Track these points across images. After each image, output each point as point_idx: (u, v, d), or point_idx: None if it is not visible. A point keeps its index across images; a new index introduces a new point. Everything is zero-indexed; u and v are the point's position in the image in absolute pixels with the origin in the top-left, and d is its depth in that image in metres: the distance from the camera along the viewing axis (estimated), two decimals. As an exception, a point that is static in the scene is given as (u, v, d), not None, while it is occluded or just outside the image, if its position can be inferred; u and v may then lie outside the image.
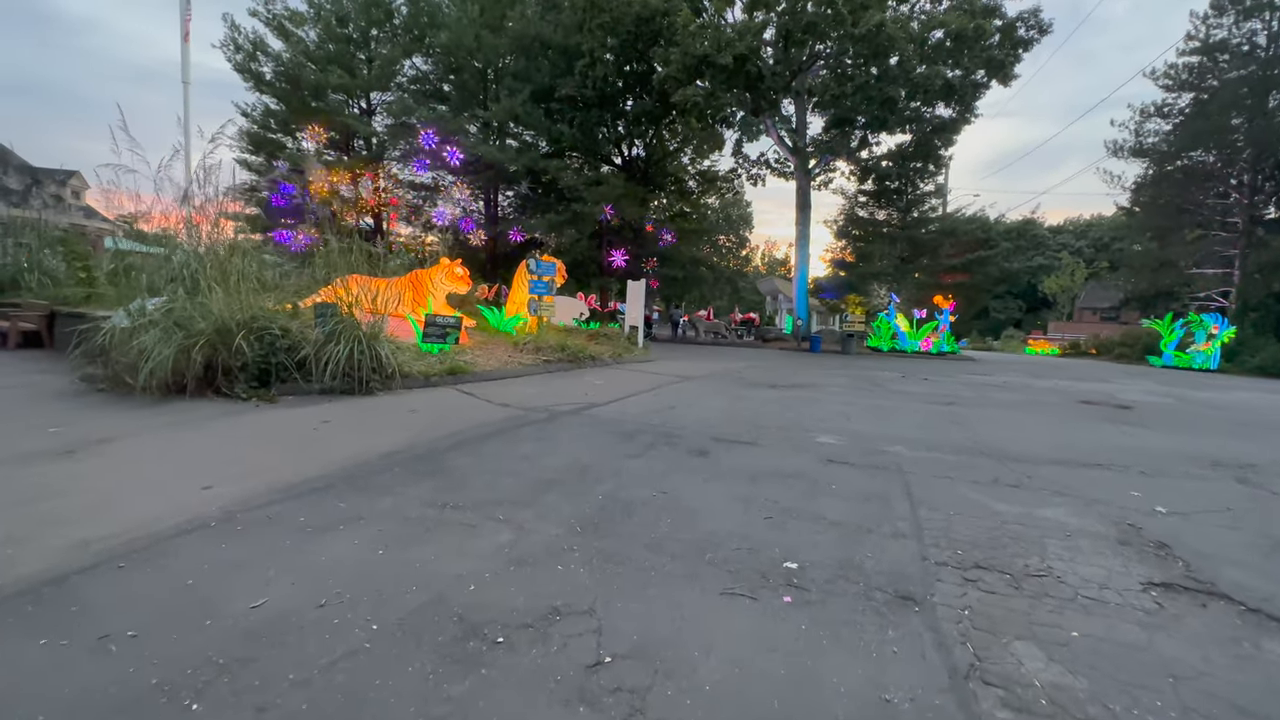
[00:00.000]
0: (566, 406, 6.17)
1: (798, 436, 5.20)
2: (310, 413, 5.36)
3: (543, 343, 9.26)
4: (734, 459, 4.35)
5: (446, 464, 3.94)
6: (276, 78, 19.40)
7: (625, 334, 13.14)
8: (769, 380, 9.60)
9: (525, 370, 8.36)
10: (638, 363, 11.34)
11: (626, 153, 27.45)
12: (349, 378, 6.26)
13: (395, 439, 4.51)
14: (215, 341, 5.90)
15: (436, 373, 7.16)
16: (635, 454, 4.37)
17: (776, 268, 73.66)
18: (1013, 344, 48.27)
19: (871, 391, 8.61)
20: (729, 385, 8.68)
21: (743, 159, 29.16)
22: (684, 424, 5.53)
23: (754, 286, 57.30)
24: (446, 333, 7.65)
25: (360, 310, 6.86)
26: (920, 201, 26.57)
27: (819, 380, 9.92)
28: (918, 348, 21.43)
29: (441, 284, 8.54)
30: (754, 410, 6.47)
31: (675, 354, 15.40)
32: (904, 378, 11.06)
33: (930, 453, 4.79)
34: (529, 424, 5.27)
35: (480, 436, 4.72)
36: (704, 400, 7.04)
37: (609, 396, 6.92)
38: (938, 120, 19.95)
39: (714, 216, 44.81)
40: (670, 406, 6.41)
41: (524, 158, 19.39)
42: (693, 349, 18.90)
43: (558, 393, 7.09)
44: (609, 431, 5.08)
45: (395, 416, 5.34)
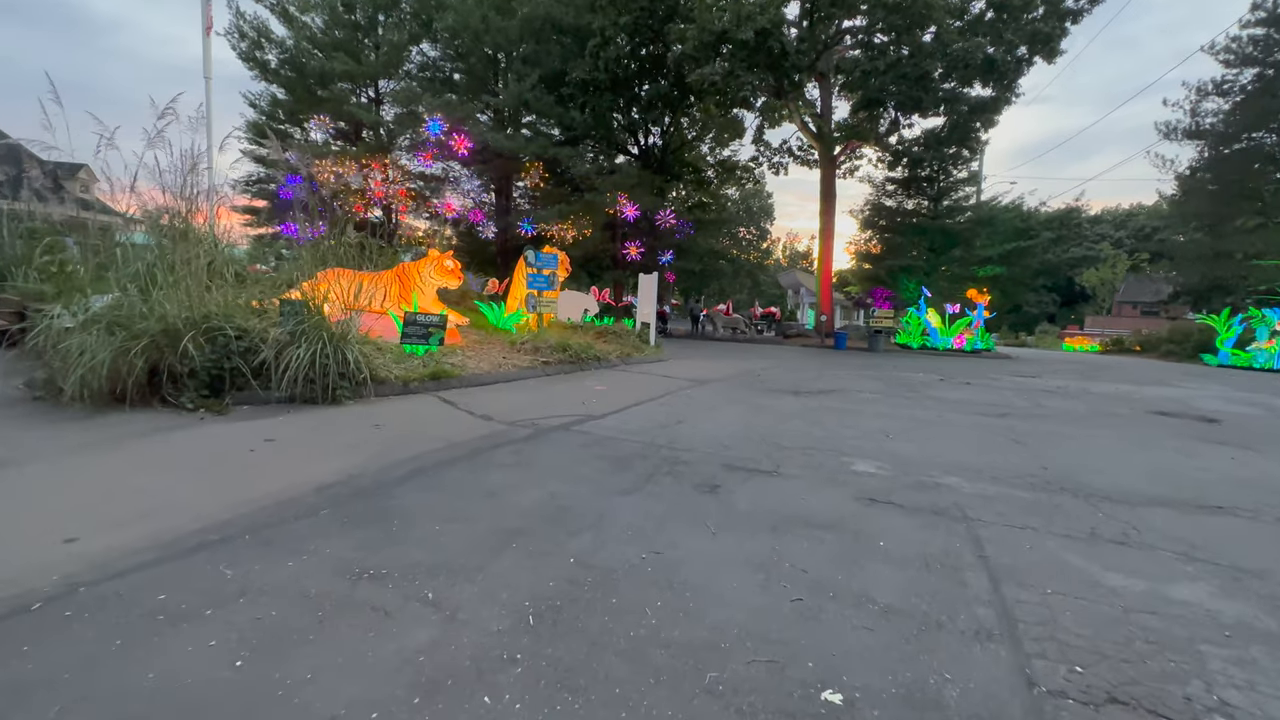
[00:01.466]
0: (558, 419, 5.36)
1: (828, 462, 4.31)
2: (258, 428, 4.64)
3: (541, 342, 8.47)
4: (751, 496, 3.49)
5: (390, 503, 3.15)
6: (281, 65, 18.88)
7: (636, 331, 12.31)
8: (792, 384, 8.68)
9: (520, 374, 7.57)
10: (648, 363, 10.49)
11: (643, 141, 26.49)
12: (314, 384, 5.53)
13: (341, 465, 3.75)
14: (161, 344, 5.22)
15: (417, 378, 6.40)
16: (628, 489, 3.54)
17: (798, 260, 72.05)
18: (1047, 340, 46.24)
19: (909, 399, 7.64)
20: (747, 391, 7.79)
21: (764, 146, 27.98)
22: (692, 444, 4.68)
23: (775, 280, 55.95)
24: (429, 333, 6.89)
25: (333, 307, 6.14)
26: (953, 189, 25.10)
27: (847, 384, 8.96)
28: (950, 345, 20.19)
29: (430, 278, 7.79)
30: (775, 425, 5.58)
31: (690, 352, 14.53)
32: (942, 381, 10.03)
33: (996, 486, 3.87)
34: (508, 444, 4.46)
35: (444, 462, 3.93)
36: (717, 411, 6.17)
37: (609, 406, 6.09)
38: (975, 100, 18.56)
39: (734, 208, 43.64)
40: (678, 420, 5.56)
41: (534, 146, 18.59)
42: (710, 346, 17.99)
43: (552, 401, 6.29)
44: (601, 455, 4.25)
45: (354, 433, 4.58)
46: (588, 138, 21.98)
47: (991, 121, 18.94)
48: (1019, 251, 24.17)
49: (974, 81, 17.59)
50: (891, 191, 26.62)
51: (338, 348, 5.68)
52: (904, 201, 26.38)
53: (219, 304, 5.59)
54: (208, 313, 5.47)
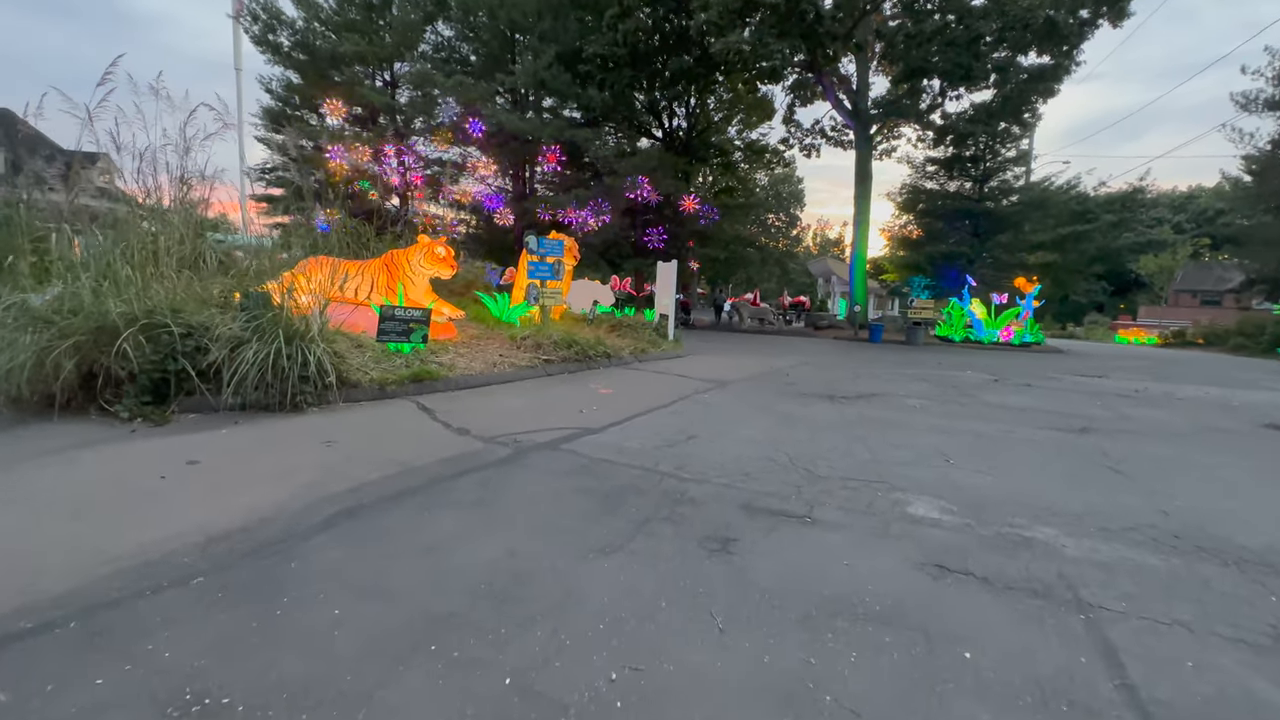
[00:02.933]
0: (546, 434, 4.53)
1: (877, 500, 3.37)
2: (189, 445, 3.93)
3: (544, 338, 7.65)
4: (775, 560, 2.60)
5: (291, 567, 2.37)
6: (293, 48, 18.38)
7: (654, 323, 11.42)
8: (825, 386, 7.68)
9: (517, 374, 6.77)
10: (664, 360, 9.59)
11: (667, 124, 25.35)
12: (272, 389, 4.82)
13: (256, 502, 2.99)
14: (96, 343, 4.56)
15: (397, 380, 5.66)
16: (612, 544, 2.68)
17: (829, 248, 69.87)
18: (1097, 331, 43.61)
19: (964, 406, 6.58)
20: (774, 396, 6.84)
21: (795, 127, 26.60)
22: (704, 470, 3.79)
23: (804, 268, 54.18)
24: (410, 328, 6.12)
25: (310, 299, 5.42)
26: (1000, 170, 23.32)
27: (890, 387, 7.92)
28: (996, 338, 18.71)
29: (420, 266, 7.04)
30: (807, 442, 4.64)
31: (712, 346, 13.57)
32: (997, 382, 8.87)
33: (1109, 545, 2.89)
34: (477, 470, 3.65)
35: (388, 498, 3.13)
36: (738, 423, 5.26)
37: (611, 416, 5.24)
38: (1033, 68, 16.88)
39: (762, 193, 42.11)
40: (689, 436, 4.67)
41: (550, 128, 17.70)
42: (734, 339, 16.98)
43: (545, 409, 5.47)
44: (588, 488, 3.40)
45: (296, 453, 3.83)
46: (608, 119, 20.97)
47: (1051, 91, 17.21)
48: (1074, 236, 22.29)
49: (1029, 48, 15.96)
50: (932, 173, 24.96)
51: (299, 347, 4.95)
52: (946, 183, 24.70)
53: (163, 297, 4.90)
54: (151, 307, 4.79)
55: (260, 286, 5.68)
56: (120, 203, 7.63)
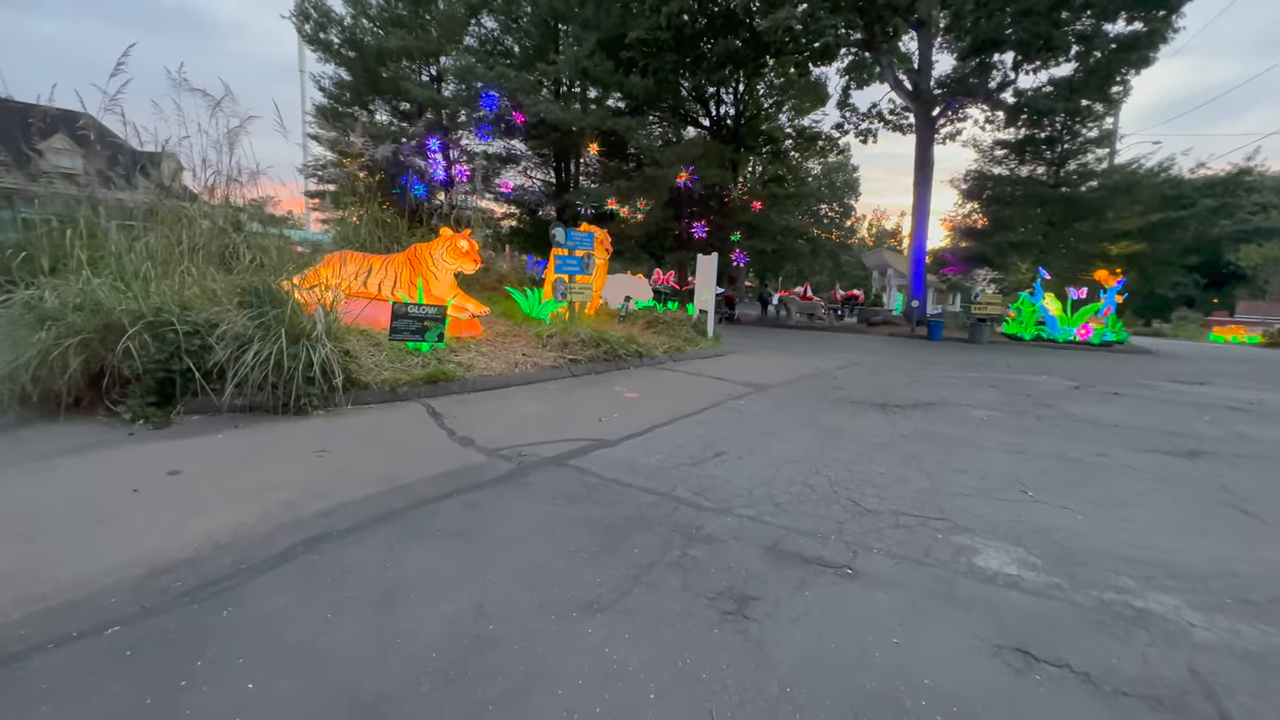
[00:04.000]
0: (556, 446, 4.10)
1: (937, 547, 2.76)
2: (177, 452, 3.71)
3: (572, 336, 7.24)
4: (805, 631, 2.06)
5: (221, 617, 2.02)
6: (342, 45, 18.68)
7: (694, 319, 10.85)
8: (877, 393, 6.95)
9: (540, 375, 6.39)
10: (701, 359, 9.03)
11: (714, 111, 24.50)
12: (276, 390, 4.60)
13: (218, 524, 2.68)
14: (106, 341, 4.44)
15: (410, 381, 5.37)
16: (603, 597, 2.22)
17: (885, 239, 66.91)
18: (1187, 328, 39.78)
19: (1042, 420, 5.73)
20: (817, 403, 6.20)
21: (850, 111, 25.22)
22: (728, 498, 3.27)
23: (859, 260, 52.00)
24: (425, 326, 5.82)
25: (315, 294, 5.19)
26: (1079, 152, 21.29)
27: (952, 394, 7.10)
28: (1072, 336, 17.08)
29: (443, 261, 6.75)
30: (853, 465, 4.03)
31: (755, 344, 12.87)
32: (1079, 389, 7.85)
33: (1256, 627, 2.20)
34: (469, 489, 3.25)
35: (361, 525, 2.77)
36: (773, 438, 4.68)
37: (631, 425, 4.76)
38: (1123, 37, 15.13)
39: (814, 183, 40.46)
40: (716, 452, 4.13)
41: (591, 117, 17.27)
42: (779, 336, 16.17)
43: (562, 415, 5.04)
44: (589, 518, 2.94)
45: (282, 465, 3.54)
46: (652, 107, 20.35)
47: (1146, 61, 15.30)
48: (1166, 224, 20.05)
49: (1119, 13, 14.29)
50: (1001, 157, 23.09)
51: (309, 347, 4.70)
52: (1017, 168, 22.81)
53: (169, 294, 4.75)
54: (158, 304, 4.64)
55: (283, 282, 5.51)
56: (183, 200, 7.78)
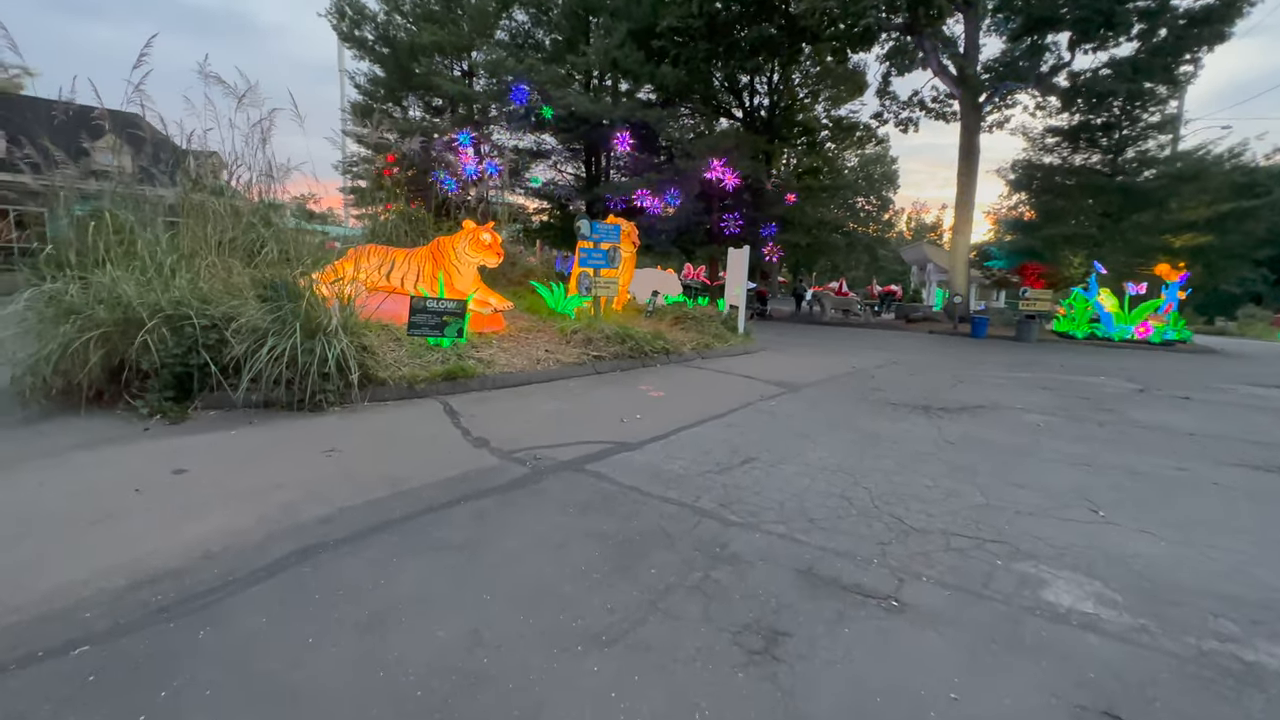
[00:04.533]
0: (574, 449, 3.87)
1: (998, 577, 2.42)
2: (189, 448, 3.62)
3: (596, 331, 7.02)
4: (843, 677, 1.77)
5: (191, 643, 1.86)
6: (376, 41, 18.88)
7: (724, 314, 10.51)
8: (920, 394, 6.52)
9: (562, 372, 6.19)
10: (731, 356, 8.70)
11: (748, 102, 23.93)
12: (292, 386, 4.50)
13: (213, 530, 2.54)
14: (126, 334, 4.41)
15: (429, 377, 5.22)
16: (613, 627, 1.97)
17: (924, 234, 64.83)
18: (1255, 327, 37.27)
19: (1106, 427, 5.23)
20: (854, 405, 5.82)
21: (890, 100, 24.29)
22: (757, 511, 2.98)
23: (897, 255, 50.48)
24: (444, 321, 5.66)
25: (330, 288, 5.09)
26: (1140, 139, 19.95)
27: (1002, 396, 6.61)
28: (1129, 334, 16.04)
29: (465, 254, 6.60)
30: (896, 476, 3.68)
31: (788, 340, 12.43)
32: (1143, 393, 7.23)
33: (1403, 693, 1.81)
34: (479, 496, 3.05)
35: (361, 533, 2.59)
36: (807, 444, 4.35)
37: (655, 427, 4.50)
38: (1194, 11, 13.99)
39: (851, 175, 39.36)
40: (744, 459, 3.84)
41: (621, 109, 17.00)
42: (814, 332, 15.64)
43: (583, 415, 4.82)
44: (604, 531, 2.70)
45: (289, 465, 3.41)
46: (683, 98, 19.95)
47: (1221, 37, 14.06)
48: (1237, 214, 18.57)
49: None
50: (1053, 145, 21.86)
51: (325, 341, 4.59)
52: (1070, 156, 21.56)
53: (184, 288, 4.69)
54: (178, 298, 4.60)
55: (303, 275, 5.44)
56: (218, 195, 7.90)
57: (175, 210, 7.20)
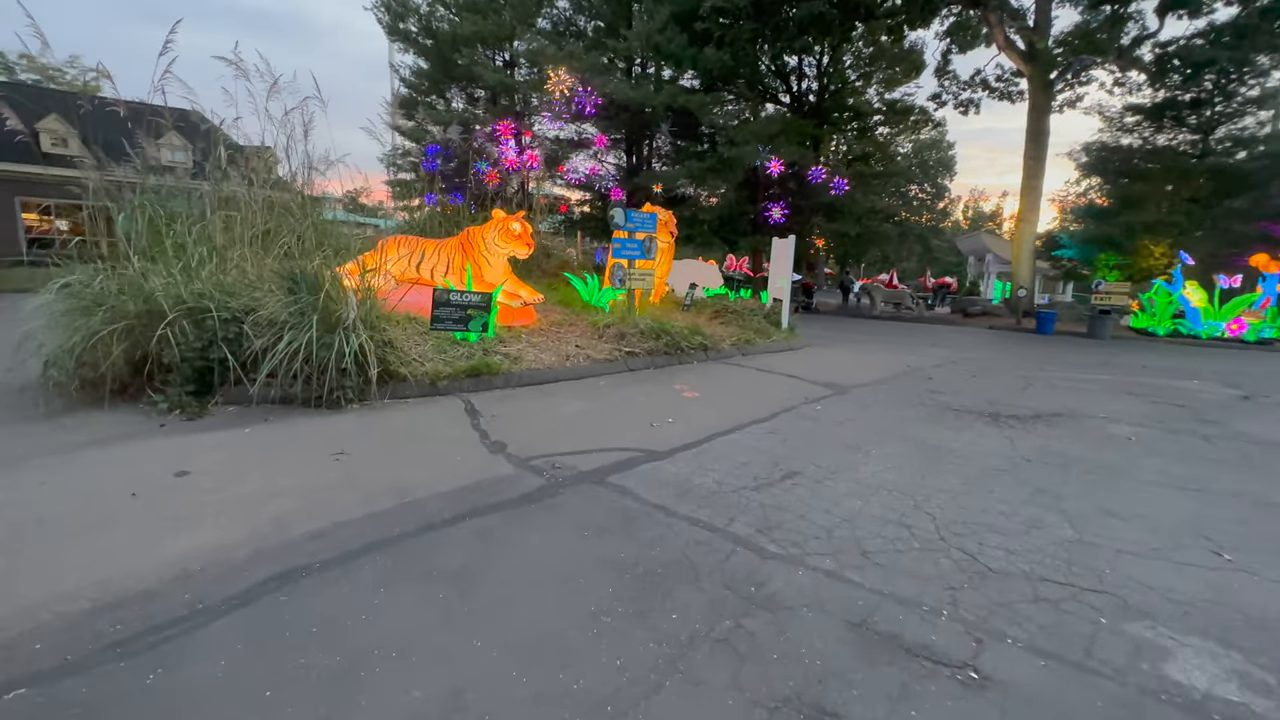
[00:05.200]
0: (597, 457, 3.54)
1: (1102, 640, 1.95)
2: (198, 447, 3.48)
3: (630, 326, 6.67)
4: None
5: (136, 689, 1.63)
6: (419, 33, 18.95)
7: (767, 308, 9.98)
8: (984, 397, 5.90)
9: (593, 369, 5.87)
10: (773, 353, 8.20)
11: (796, 86, 22.95)
12: (309, 383, 4.35)
13: (197, 545, 2.34)
14: (150, 327, 4.34)
15: (451, 374, 5.00)
16: (625, 693, 1.63)
17: (982, 222, 61.56)
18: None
19: (1212, 442, 4.53)
20: (910, 410, 5.27)
21: (949, 80, 22.90)
22: (799, 539, 2.58)
23: (952, 245, 48.08)
24: (469, 315, 5.42)
25: (351, 280, 4.92)
26: (1236, 115, 18.07)
27: (1081, 402, 5.91)
28: (1220, 332, 14.55)
29: (495, 245, 6.36)
30: (964, 498, 3.20)
31: (835, 336, 11.78)
32: (1249, 399, 6.34)
33: None
34: (486, 512, 2.76)
35: (351, 554, 2.33)
36: (858, 456, 3.89)
37: (687, 432, 4.12)
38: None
39: (904, 161, 37.56)
40: (787, 473, 3.42)
41: (663, 95, 16.47)
42: (862, 327, 14.86)
43: (610, 417, 4.48)
44: (621, 559, 2.36)
45: (295, 468, 3.21)
46: (727, 83, 19.24)
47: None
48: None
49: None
50: (1133, 125, 20.11)
51: (344, 336, 4.42)
52: (1153, 137, 19.78)
53: (205, 280, 4.59)
54: (200, 290, 4.50)
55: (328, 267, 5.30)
56: (257, 188, 7.99)
57: (231, 203, 7.25)
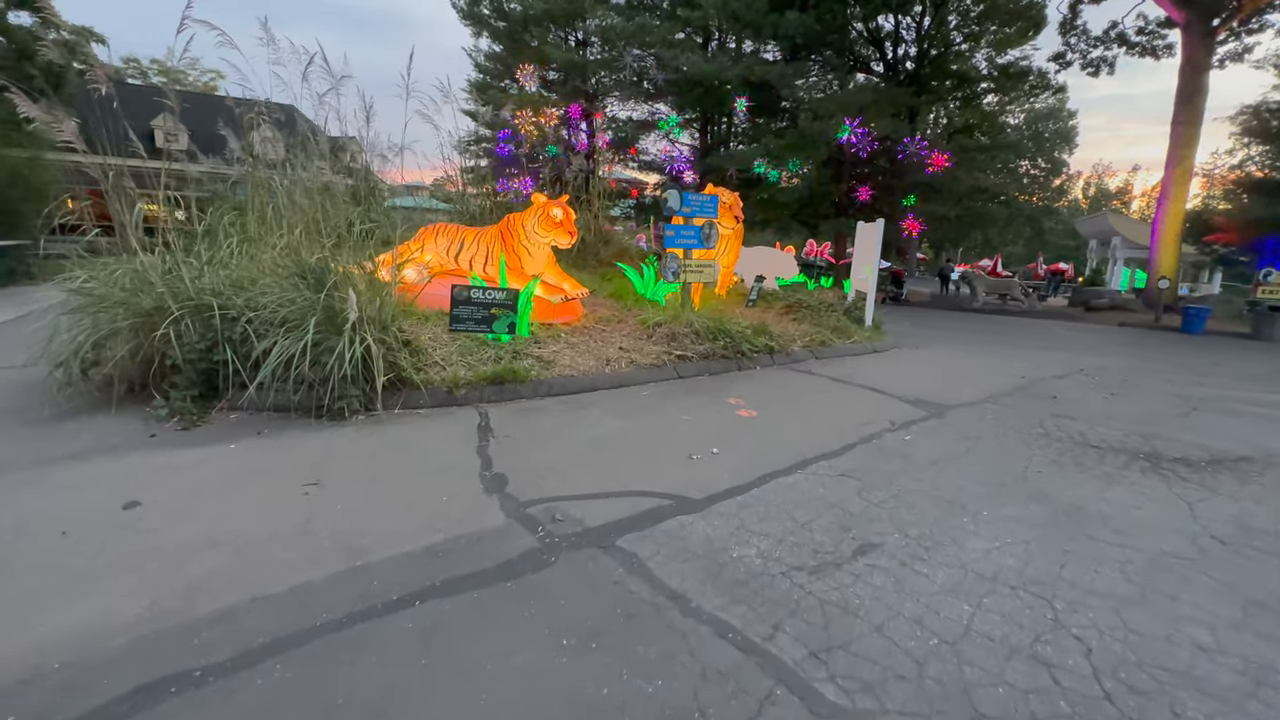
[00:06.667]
0: (612, 505, 2.81)
1: None
2: (169, 468, 3.10)
3: (682, 326, 5.85)
4: None
5: None
6: (491, 15, 18.70)
7: (848, 302, 8.79)
8: (1132, 427, 4.60)
9: (636, 375, 5.12)
10: (853, 356, 7.09)
11: (891, 53, 20.75)
12: (314, 390, 3.92)
13: (65, 630, 1.85)
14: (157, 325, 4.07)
15: (472, 380, 4.43)
16: None
17: (1105, 201, 54.57)
18: None
19: None
20: (1034, 446, 4.12)
21: (1078, 36, 19.94)
22: (877, 680, 1.72)
23: (1069, 228, 42.89)
24: (493, 315, 4.80)
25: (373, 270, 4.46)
26: None
27: (1272, 436, 4.47)
28: None
29: (535, 233, 5.73)
30: (1129, 612, 2.18)
31: (929, 334, 10.31)
32: None
33: None
34: (445, 592, 2.11)
35: (248, 657, 1.75)
36: (963, 520, 2.91)
37: (733, 470, 3.29)
38: None
39: (1014, 134, 33.59)
40: (860, 545, 2.52)
41: (739, 67, 15.19)
42: (962, 323, 13.10)
43: (644, 443, 3.73)
44: (598, 704, 1.62)
45: (256, 503, 2.72)
46: (812, 51, 17.58)
47: None
48: None
49: None
50: (1322, 79, 16.47)
51: (353, 338, 3.94)
52: (1349, 93, 16.10)
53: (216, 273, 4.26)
54: (206, 285, 4.18)
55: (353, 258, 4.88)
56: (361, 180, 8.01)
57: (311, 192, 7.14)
